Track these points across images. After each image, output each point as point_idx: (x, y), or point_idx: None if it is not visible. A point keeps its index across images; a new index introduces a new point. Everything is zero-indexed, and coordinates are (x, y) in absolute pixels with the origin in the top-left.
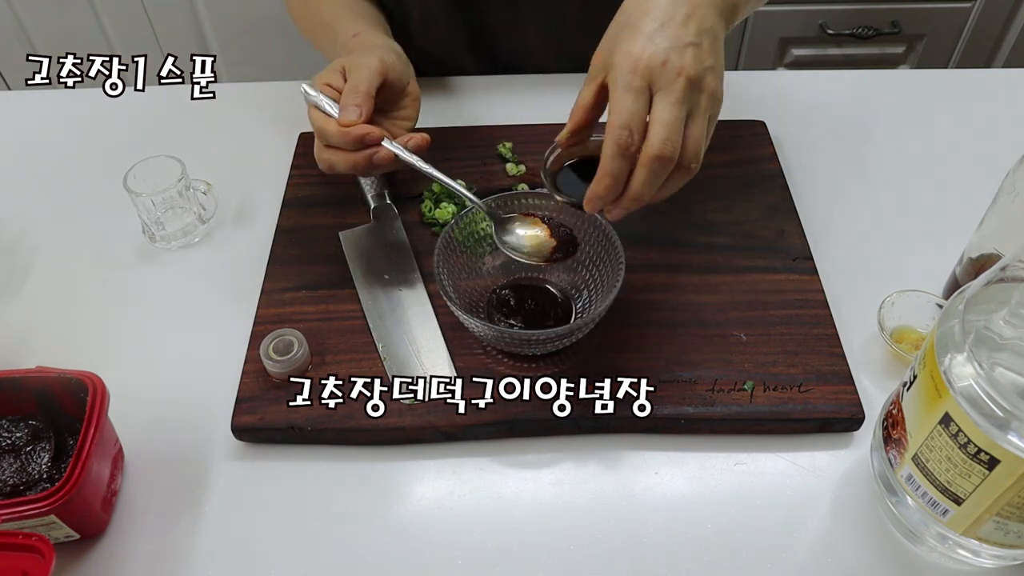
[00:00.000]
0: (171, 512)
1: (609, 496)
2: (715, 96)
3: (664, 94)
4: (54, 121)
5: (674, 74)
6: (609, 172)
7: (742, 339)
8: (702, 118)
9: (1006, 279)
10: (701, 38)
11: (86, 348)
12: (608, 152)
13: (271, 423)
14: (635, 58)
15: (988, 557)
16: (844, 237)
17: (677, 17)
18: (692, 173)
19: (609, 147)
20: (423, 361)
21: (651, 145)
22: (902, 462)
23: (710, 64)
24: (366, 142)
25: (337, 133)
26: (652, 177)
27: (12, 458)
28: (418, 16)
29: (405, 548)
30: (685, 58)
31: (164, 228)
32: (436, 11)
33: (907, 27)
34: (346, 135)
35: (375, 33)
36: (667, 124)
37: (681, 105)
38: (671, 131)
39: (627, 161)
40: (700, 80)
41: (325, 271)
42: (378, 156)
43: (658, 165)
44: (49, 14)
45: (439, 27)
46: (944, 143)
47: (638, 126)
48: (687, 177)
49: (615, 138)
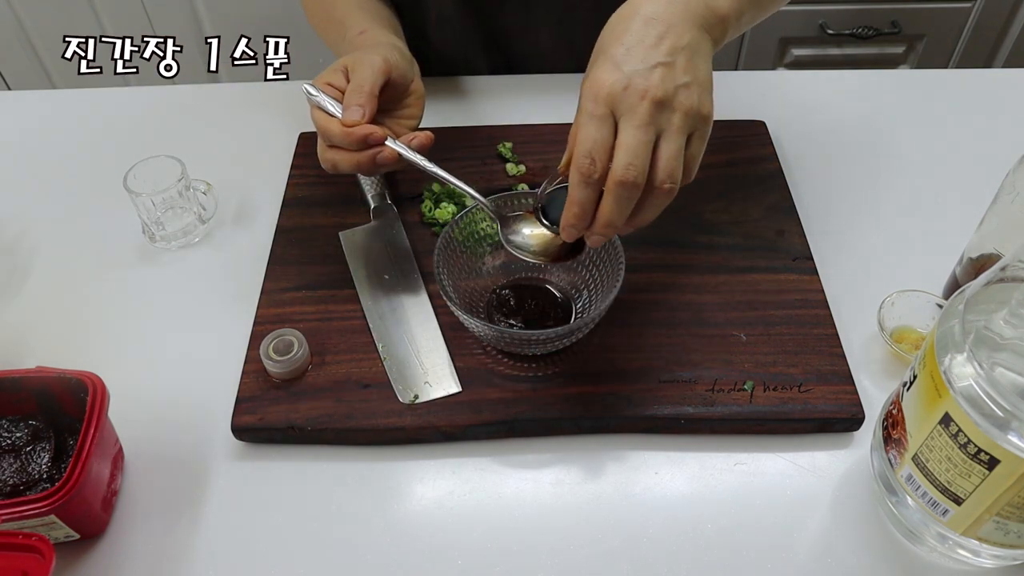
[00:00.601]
0: (171, 512)
1: (609, 496)
2: (693, 113)
3: (627, 118)
4: (54, 121)
5: (637, 97)
6: (575, 201)
7: (742, 339)
8: (675, 137)
9: (1006, 279)
10: (674, 56)
11: (86, 348)
12: (573, 180)
13: (271, 423)
14: (598, 85)
15: (988, 557)
16: (844, 237)
17: (647, 39)
18: (670, 194)
19: (573, 176)
20: (423, 361)
21: (615, 171)
22: (902, 462)
23: (684, 81)
24: (369, 142)
25: (340, 133)
26: (618, 202)
27: (12, 458)
28: (434, 17)
29: (405, 548)
30: (651, 80)
31: (164, 228)
32: (450, 12)
33: (907, 27)
34: (349, 135)
35: (382, 31)
36: (630, 149)
37: (646, 128)
38: (633, 155)
39: (591, 189)
40: (670, 100)
41: (325, 271)
42: (382, 156)
43: (623, 191)
44: (49, 14)
45: (453, 28)
46: (944, 143)
47: (600, 154)
48: (666, 199)
49: (577, 166)
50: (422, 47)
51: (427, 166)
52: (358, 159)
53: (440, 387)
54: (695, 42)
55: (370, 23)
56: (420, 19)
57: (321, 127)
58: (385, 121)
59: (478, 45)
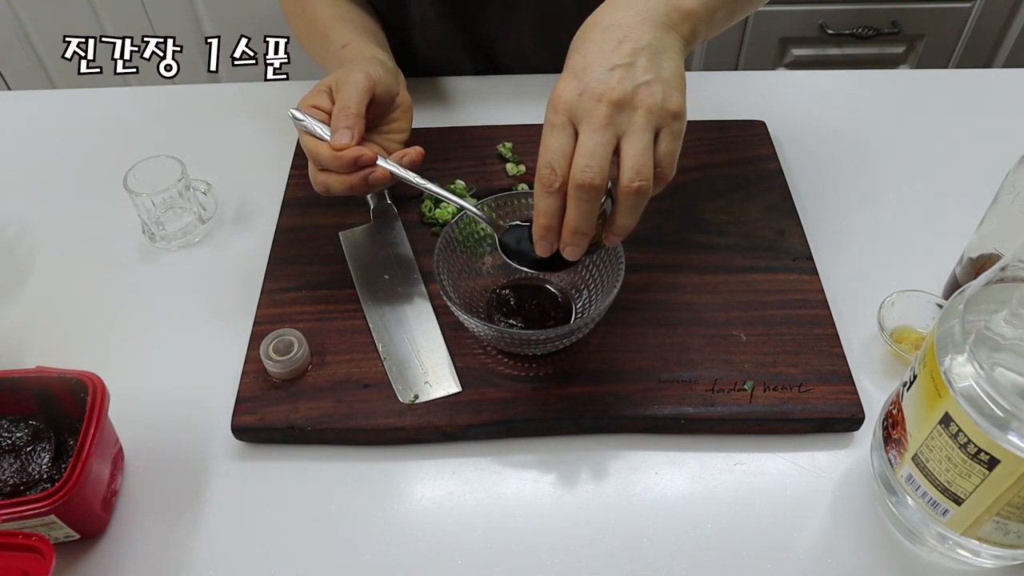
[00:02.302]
0: (171, 512)
1: (609, 496)
2: (656, 110)
3: (585, 123)
4: (54, 121)
5: (593, 101)
6: (541, 211)
7: (742, 339)
8: (640, 134)
9: (1006, 279)
10: (634, 57)
11: (86, 348)
12: (536, 191)
13: (271, 423)
14: (557, 96)
15: (988, 557)
16: (844, 237)
17: (607, 45)
18: (642, 194)
19: (536, 187)
20: (423, 361)
21: (572, 175)
22: (902, 462)
23: (645, 80)
24: (360, 164)
25: (330, 157)
26: (579, 207)
27: (12, 458)
28: (416, 20)
29: (405, 548)
30: (609, 82)
31: (164, 228)
32: (433, 16)
33: (907, 27)
34: (339, 159)
35: (365, 44)
36: (585, 151)
37: (603, 129)
38: (589, 157)
39: (554, 198)
40: (629, 99)
41: (325, 271)
42: (374, 176)
43: (582, 193)
44: (49, 14)
45: (436, 32)
46: (944, 143)
47: (559, 162)
48: (638, 199)
49: (538, 176)
50: (407, 50)
51: (419, 182)
52: (350, 181)
53: (440, 387)
54: (657, 41)
55: (353, 35)
56: (403, 23)
57: (311, 152)
58: (374, 138)
59: (461, 48)
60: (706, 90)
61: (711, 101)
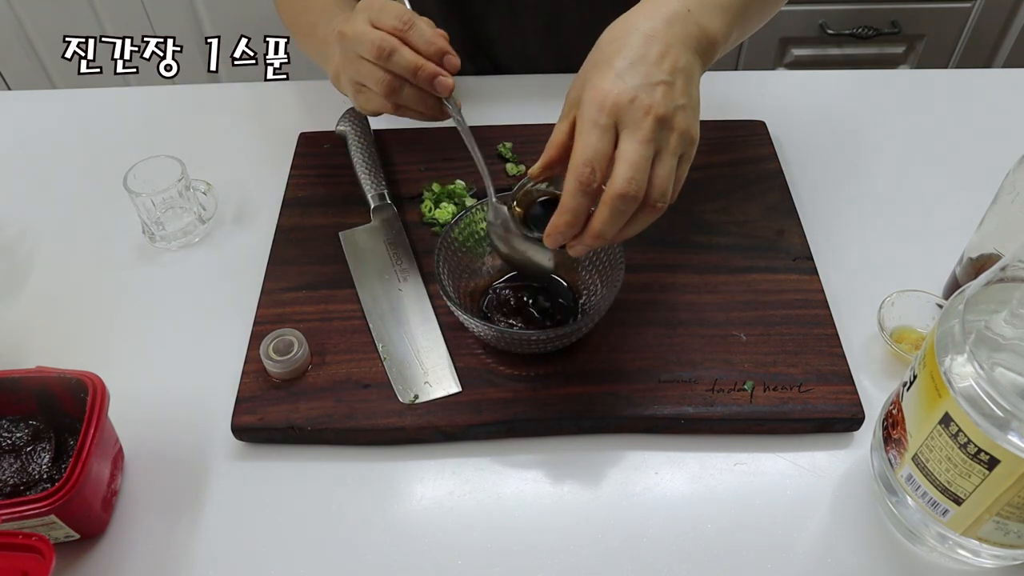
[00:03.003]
0: (171, 512)
1: (609, 496)
2: (686, 136)
3: (631, 132)
4: (54, 121)
5: (642, 112)
6: (569, 208)
7: (742, 339)
8: (670, 157)
9: (1006, 279)
10: (674, 77)
11: (86, 348)
12: (569, 188)
13: (271, 423)
14: (603, 95)
15: (988, 557)
16: (844, 237)
17: (650, 55)
18: (658, 212)
19: (570, 183)
20: (423, 361)
21: (615, 183)
22: (902, 462)
23: (682, 103)
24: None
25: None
26: (614, 215)
27: (12, 458)
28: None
29: (405, 548)
30: (655, 96)
31: (164, 228)
32: (433, 14)
33: (907, 27)
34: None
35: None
36: (633, 163)
37: (648, 144)
38: (637, 170)
39: (588, 198)
40: (670, 119)
41: (325, 271)
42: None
43: (621, 204)
44: (49, 14)
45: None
46: (944, 143)
47: (601, 163)
48: (653, 216)
49: (577, 175)
50: None
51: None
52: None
53: (440, 387)
54: (690, 65)
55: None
56: None
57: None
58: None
59: (462, 48)
60: (706, 90)
61: (711, 101)
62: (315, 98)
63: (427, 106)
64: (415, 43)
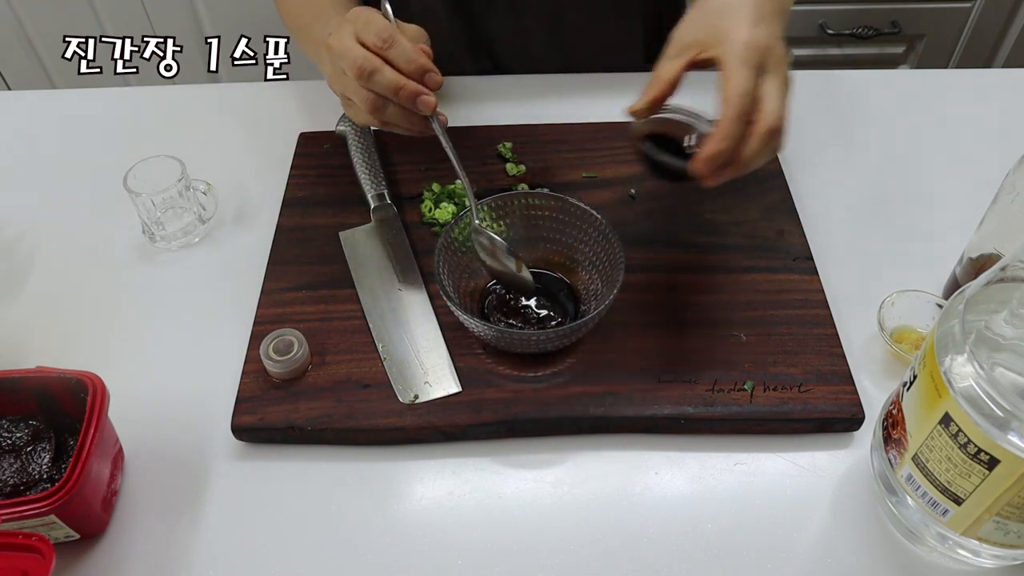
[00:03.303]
0: (171, 512)
1: (609, 496)
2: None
3: (773, 75)
4: (54, 121)
5: (779, 60)
6: (729, 135)
7: (742, 339)
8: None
9: (1006, 279)
10: (780, 39)
11: (86, 348)
12: (729, 115)
13: (271, 423)
14: (753, 39)
15: (988, 557)
16: (844, 237)
17: (765, 16)
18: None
19: (731, 111)
20: (423, 361)
21: (769, 117)
22: (902, 462)
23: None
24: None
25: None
26: (763, 147)
27: (12, 458)
28: (417, 12)
29: (405, 548)
30: (781, 49)
31: (164, 228)
32: (436, 9)
33: (907, 27)
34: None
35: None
36: (780, 101)
37: (785, 87)
38: (783, 107)
39: (743, 127)
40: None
41: (325, 271)
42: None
43: (771, 137)
44: (49, 14)
45: (438, 28)
46: (944, 143)
47: (753, 96)
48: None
49: (736, 104)
50: None
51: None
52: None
53: (440, 387)
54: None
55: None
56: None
57: (391, 82)
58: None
59: (464, 48)
60: (707, 90)
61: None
62: (315, 98)
63: (412, 123)
64: (396, 62)
